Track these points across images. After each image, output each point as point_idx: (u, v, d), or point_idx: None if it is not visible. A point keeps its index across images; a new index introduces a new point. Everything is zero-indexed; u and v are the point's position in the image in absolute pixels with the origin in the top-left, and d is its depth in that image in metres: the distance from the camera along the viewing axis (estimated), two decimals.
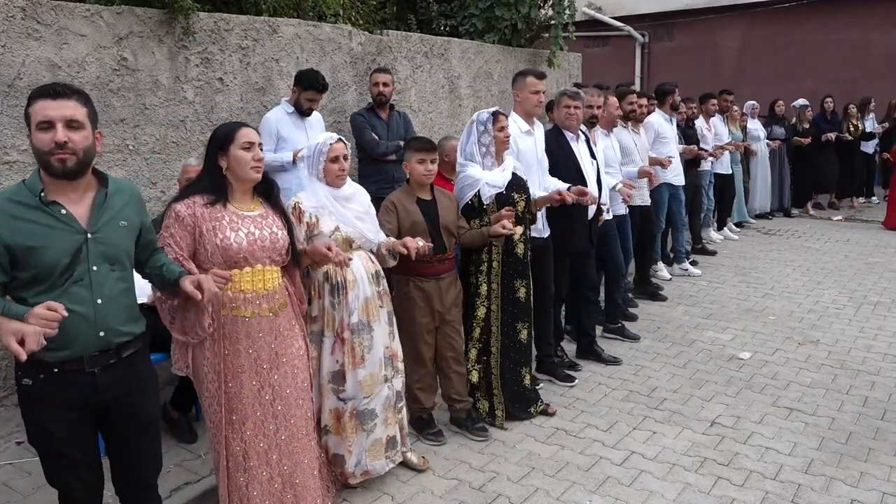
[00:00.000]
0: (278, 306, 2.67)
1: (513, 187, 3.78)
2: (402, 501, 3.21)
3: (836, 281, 6.76)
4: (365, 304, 3.13)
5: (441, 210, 3.58)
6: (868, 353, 4.94)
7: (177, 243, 2.51)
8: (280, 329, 2.67)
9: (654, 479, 3.37)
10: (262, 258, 2.59)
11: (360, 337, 3.11)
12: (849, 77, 11.50)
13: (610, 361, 4.76)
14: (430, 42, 6.58)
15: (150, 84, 4.33)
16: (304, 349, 2.80)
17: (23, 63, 3.76)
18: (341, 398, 3.13)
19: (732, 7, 12.57)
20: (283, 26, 5.11)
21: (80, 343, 2.12)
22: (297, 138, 4.70)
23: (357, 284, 3.11)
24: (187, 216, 2.52)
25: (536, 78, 4.13)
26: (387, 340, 3.23)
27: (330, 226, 3.07)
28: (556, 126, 4.53)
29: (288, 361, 2.70)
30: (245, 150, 2.58)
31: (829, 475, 3.40)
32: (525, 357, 3.97)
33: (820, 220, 9.91)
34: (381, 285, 3.24)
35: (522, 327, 3.93)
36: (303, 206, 3.05)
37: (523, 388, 3.96)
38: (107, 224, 2.19)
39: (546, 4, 7.70)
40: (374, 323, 3.16)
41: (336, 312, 3.09)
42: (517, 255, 3.85)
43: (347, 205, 3.13)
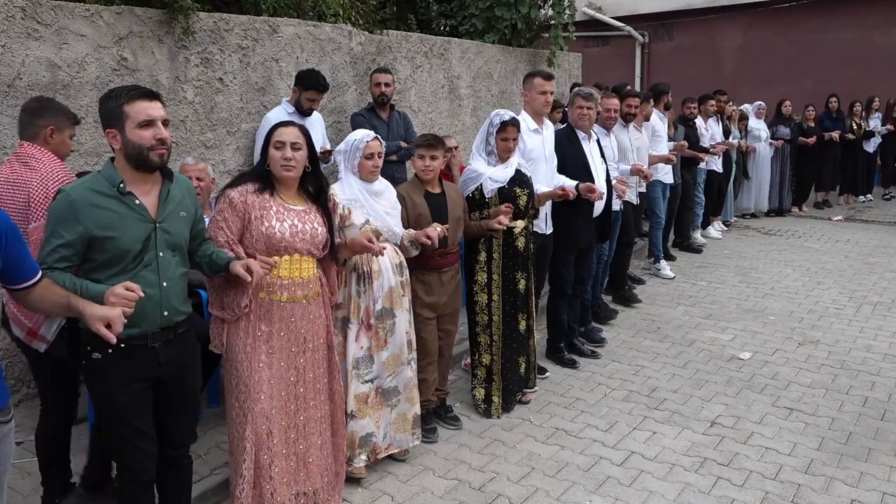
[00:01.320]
0: (311, 294, 2.85)
1: (515, 182, 3.87)
2: (401, 501, 3.21)
3: (836, 281, 6.76)
4: (389, 293, 3.32)
5: (450, 203, 3.68)
6: (868, 354, 4.94)
7: (228, 227, 2.70)
8: (311, 316, 2.86)
9: (654, 480, 3.37)
10: (301, 249, 2.77)
11: (383, 323, 3.32)
12: (849, 77, 11.50)
13: (588, 355, 4.87)
14: (430, 42, 6.58)
15: (150, 84, 4.32)
16: (327, 338, 2.98)
17: (23, 63, 3.75)
18: (365, 380, 3.31)
19: (732, 7, 12.57)
20: (283, 26, 5.10)
21: (147, 321, 2.34)
22: None
23: (382, 275, 3.30)
24: (239, 202, 2.71)
25: (544, 79, 4.25)
26: (407, 326, 3.44)
27: (361, 218, 3.22)
28: (569, 125, 4.68)
29: (314, 347, 2.88)
30: (276, 149, 2.75)
31: (829, 475, 3.40)
32: (523, 347, 4.09)
33: (820, 220, 9.91)
34: (404, 275, 3.42)
35: (522, 318, 4.04)
36: (337, 199, 3.20)
37: (518, 377, 4.10)
38: (170, 214, 2.39)
39: (546, 4, 7.70)
40: (396, 310, 3.35)
41: (362, 301, 3.27)
42: (517, 247, 3.94)
43: (378, 199, 3.29)
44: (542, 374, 4.54)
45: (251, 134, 4.86)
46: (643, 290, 6.45)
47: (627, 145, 5.72)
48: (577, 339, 4.97)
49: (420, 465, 3.51)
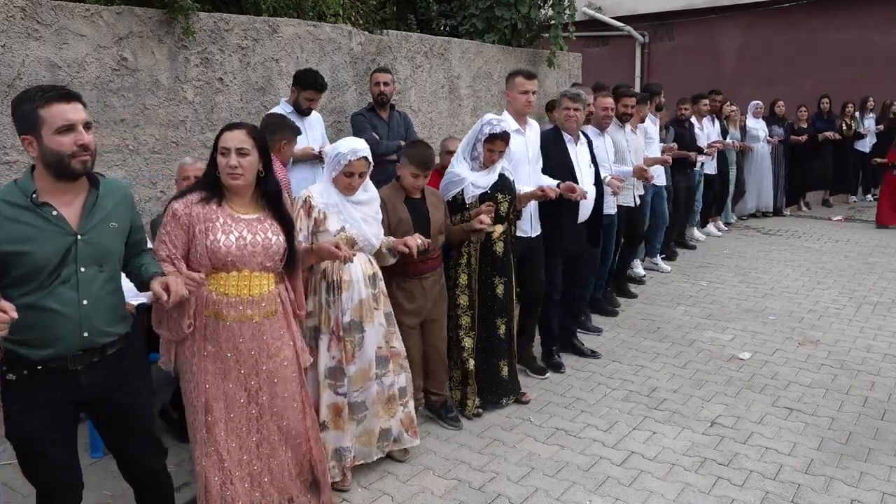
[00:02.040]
0: (265, 313, 2.64)
1: (497, 188, 3.81)
2: (401, 501, 3.21)
3: (835, 281, 6.76)
4: (359, 306, 3.18)
5: (431, 208, 3.62)
6: (868, 353, 4.94)
7: (171, 241, 2.53)
8: (264, 336, 2.65)
9: (654, 480, 3.37)
10: (250, 263, 2.57)
11: (351, 336, 3.18)
12: (849, 77, 11.49)
13: (588, 354, 4.85)
14: (430, 42, 6.58)
15: (150, 84, 4.32)
16: (292, 358, 2.77)
17: (23, 63, 3.75)
18: (339, 393, 3.21)
19: (732, 7, 12.57)
20: (282, 26, 5.10)
21: (63, 343, 2.16)
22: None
23: (352, 285, 3.17)
24: (183, 215, 2.53)
25: (525, 78, 4.14)
26: (380, 341, 3.28)
27: (336, 225, 3.11)
28: (556, 127, 4.53)
29: (270, 369, 2.68)
30: (221, 155, 2.55)
31: (829, 475, 3.40)
32: (504, 350, 4.04)
33: (820, 220, 9.91)
34: (378, 287, 3.29)
35: (501, 323, 3.99)
36: (313, 201, 3.09)
37: (500, 380, 4.06)
38: (97, 226, 2.21)
39: (546, 4, 7.69)
40: (366, 324, 3.21)
41: (331, 311, 3.15)
42: (495, 252, 3.89)
43: (357, 207, 3.18)
44: (542, 374, 4.55)
45: None
46: (643, 290, 6.46)
47: (625, 146, 5.66)
48: (575, 339, 4.94)
49: (420, 464, 3.51)
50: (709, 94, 8.12)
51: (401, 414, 3.44)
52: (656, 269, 7.10)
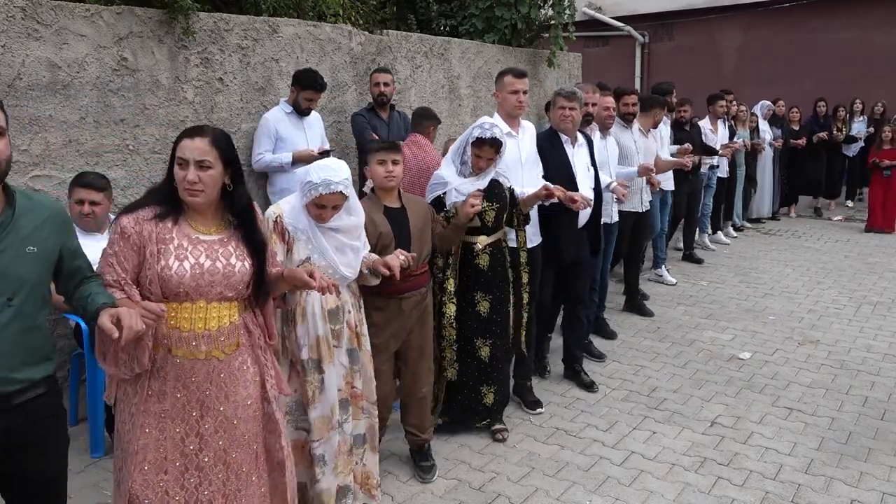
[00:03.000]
0: (224, 348, 2.24)
1: (484, 195, 3.49)
2: (402, 501, 3.21)
3: (835, 281, 6.76)
4: (316, 343, 2.78)
5: (412, 218, 3.26)
6: (868, 353, 4.94)
7: (120, 263, 2.12)
8: (221, 374, 2.25)
9: (654, 479, 3.38)
10: (208, 294, 2.18)
11: (310, 376, 2.80)
12: (849, 77, 11.49)
13: (587, 387, 4.39)
14: (430, 42, 6.58)
15: (150, 84, 4.32)
16: (257, 396, 2.35)
17: (23, 63, 3.75)
18: (301, 427, 2.84)
19: (732, 7, 12.57)
20: (282, 26, 5.10)
21: None
22: (295, 138, 4.71)
23: (306, 320, 2.77)
24: (133, 233, 2.13)
25: (515, 77, 3.88)
26: (340, 382, 2.87)
27: (302, 254, 2.73)
28: (552, 128, 4.26)
29: (227, 411, 2.26)
30: (179, 166, 2.15)
31: (829, 475, 3.40)
32: (486, 375, 3.69)
33: (820, 219, 9.91)
34: (340, 322, 2.85)
35: (483, 344, 3.65)
36: (285, 220, 2.72)
37: (482, 406, 3.73)
38: (6, 249, 1.87)
39: (546, 4, 7.69)
40: (325, 364, 2.80)
41: (287, 343, 2.80)
42: (479, 266, 3.58)
43: (331, 234, 2.77)
44: (534, 408, 4.07)
45: (251, 134, 4.86)
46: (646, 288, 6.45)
47: (632, 148, 5.40)
48: (579, 366, 4.49)
49: None
50: (721, 94, 7.82)
51: (357, 469, 3.02)
52: (661, 281, 6.74)
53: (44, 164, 3.85)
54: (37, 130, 3.82)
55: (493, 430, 3.77)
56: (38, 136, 3.83)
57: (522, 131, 4.00)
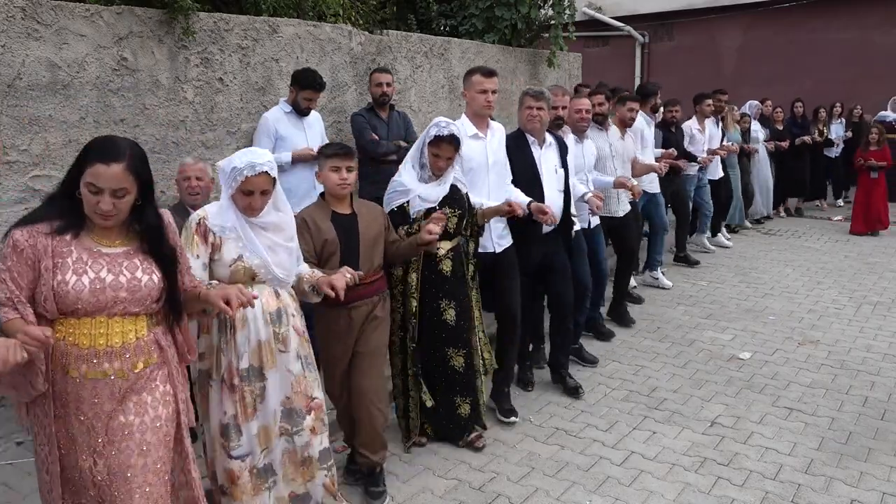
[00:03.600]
0: (132, 366, 2.09)
1: (446, 201, 3.40)
2: (402, 501, 3.21)
3: (835, 281, 6.76)
4: (257, 349, 2.65)
5: (362, 225, 3.10)
6: (868, 353, 4.94)
7: (13, 280, 1.98)
8: (128, 394, 2.09)
9: (654, 479, 3.38)
10: (109, 309, 2.04)
11: (250, 385, 2.65)
12: (849, 77, 11.51)
13: (571, 392, 4.27)
14: (430, 42, 6.58)
15: (150, 84, 4.32)
16: (168, 417, 2.19)
17: (23, 63, 3.75)
18: (234, 456, 2.65)
19: (732, 7, 12.58)
20: (282, 26, 5.10)
21: None
22: (295, 138, 4.70)
23: (247, 324, 2.63)
24: (27, 247, 1.99)
25: (483, 75, 3.71)
26: (288, 390, 2.72)
27: (232, 253, 2.60)
28: (519, 129, 4.08)
29: (134, 435, 2.09)
30: (90, 191, 2.00)
31: (829, 475, 3.40)
32: (461, 385, 3.57)
33: (820, 220, 9.91)
34: (285, 325, 2.71)
35: (455, 354, 3.52)
36: (208, 223, 2.59)
37: (457, 419, 3.62)
38: None
39: (546, 4, 7.69)
40: (268, 370, 2.66)
41: (224, 355, 2.64)
42: (442, 272, 3.44)
43: (263, 232, 2.65)
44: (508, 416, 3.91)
45: (251, 134, 4.86)
46: (643, 290, 6.45)
47: (607, 152, 5.18)
48: (565, 371, 4.36)
49: (420, 464, 3.51)
50: (712, 93, 7.62)
51: (324, 479, 2.87)
52: (657, 284, 6.56)
53: (43, 164, 3.85)
54: (37, 130, 3.82)
55: (471, 440, 3.63)
56: (37, 136, 3.83)
57: (491, 133, 3.83)
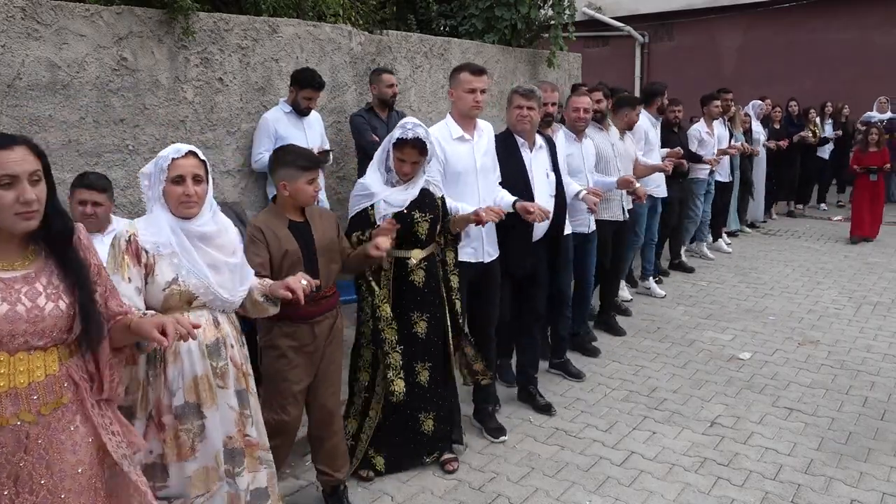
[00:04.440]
0: (38, 408, 1.79)
1: (416, 206, 3.18)
2: (402, 501, 3.21)
3: (835, 281, 6.76)
4: (193, 384, 2.35)
5: (316, 234, 2.92)
6: (868, 354, 4.94)
7: None
8: (39, 440, 1.80)
9: (654, 480, 3.38)
10: (7, 344, 1.74)
11: (187, 423, 2.36)
12: (849, 77, 11.51)
13: (542, 410, 4.06)
14: (430, 42, 6.58)
15: (150, 84, 4.32)
16: (90, 461, 1.91)
17: (22, 63, 3.75)
18: (161, 497, 2.34)
19: (732, 7, 12.59)
20: (282, 26, 5.10)
21: None
22: (295, 138, 4.69)
23: (180, 358, 2.33)
24: None
25: (472, 74, 3.50)
26: (230, 429, 2.45)
27: (167, 274, 2.29)
28: (508, 129, 3.90)
29: (50, 484, 1.82)
30: (1, 189, 1.70)
31: (829, 475, 3.40)
32: (425, 401, 3.37)
33: (820, 220, 9.92)
34: (224, 359, 2.42)
35: (422, 368, 3.32)
36: (140, 241, 2.28)
37: (419, 436, 3.40)
38: None
39: (546, 4, 7.69)
40: (206, 408, 2.38)
41: (152, 389, 2.33)
42: (414, 283, 3.24)
43: (201, 245, 2.36)
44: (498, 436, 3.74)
45: (251, 134, 4.86)
46: (643, 290, 6.45)
47: (609, 153, 4.99)
48: (533, 387, 4.15)
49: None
50: (718, 93, 7.41)
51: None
52: (649, 293, 6.36)
53: None
54: (36, 130, 3.82)
55: (442, 462, 3.45)
56: (37, 136, 3.82)
57: (479, 134, 3.64)
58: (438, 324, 3.36)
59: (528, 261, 3.88)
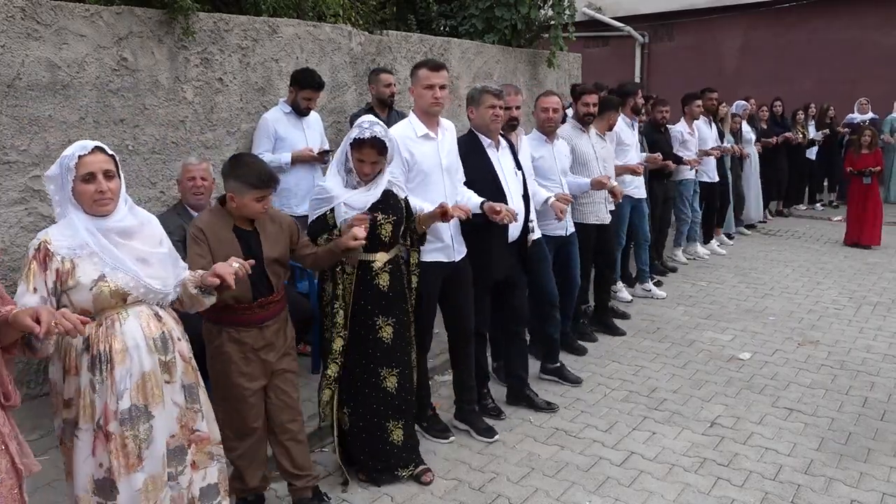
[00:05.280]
0: None
1: (378, 207, 3.10)
2: (402, 501, 3.21)
3: (835, 281, 6.76)
4: (141, 382, 2.28)
5: (265, 243, 2.85)
6: (868, 354, 4.94)
7: None
8: None
9: (654, 480, 3.37)
10: None
11: (134, 429, 2.25)
12: (849, 77, 11.52)
13: (543, 408, 4.05)
14: (430, 42, 6.58)
15: (150, 84, 4.32)
16: (6, 469, 1.89)
17: (22, 63, 3.75)
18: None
19: (733, 7, 12.59)
20: (282, 26, 5.10)
21: None
22: (295, 138, 4.71)
23: (129, 355, 2.26)
24: None
25: (430, 70, 3.42)
26: (173, 427, 2.37)
27: (91, 273, 2.22)
28: (472, 130, 3.85)
29: None
30: None
31: (829, 476, 3.40)
32: (393, 408, 3.26)
33: (820, 220, 9.92)
34: (171, 352, 2.37)
35: (389, 374, 3.23)
36: (52, 247, 2.21)
37: (389, 446, 3.28)
38: None
39: (546, 5, 7.69)
40: (153, 407, 2.30)
41: (98, 396, 2.24)
42: (378, 287, 3.15)
43: (123, 241, 2.30)
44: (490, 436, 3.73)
45: (251, 134, 4.86)
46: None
47: (589, 154, 4.91)
48: (528, 389, 4.13)
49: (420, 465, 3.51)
50: (701, 93, 7.35)
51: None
52: (650, 296, 6.28)
53: (44, 164, 3.85)
54: (36, 130, 3.82)
55: (418, 476, 3.35)
56: (37, 136, 3.83)
57: (442, 132, 3.57)
58: (405, 329, 3.30)
59: (507, 262, 3.83)
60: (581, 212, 4.91)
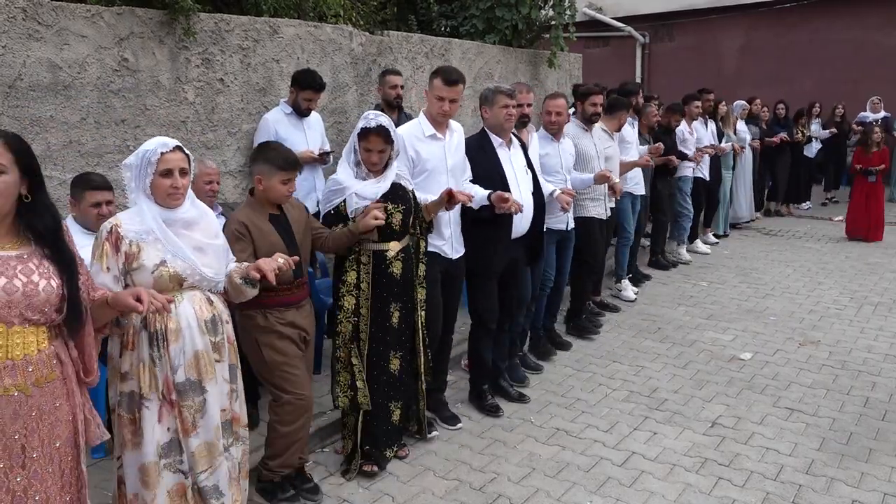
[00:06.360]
0: (35, 381, 1.93)
1: (388, 198, 3.25)
2: (402, 502, 3.21)
3: (836, 281, 6.76)
4: (195, 360, 2.48)
5: (294, 225, 3.08)
6: (869, 354, 4.94)
7: None
8: (33, 413, 1.92)
9: (655, 480, 3.37)
10: (5, 317, 1.87)
11: (188, 399, 2.48)
12: (850, 77, 11.51)
13: (516, 399, 4.20)
14: (431, 43, 6.58)
15: (151, 85, 4.32)
16: (67, 438, 2.04)
17: (23, 64, 3.76)
18: (182, 470, 2.51)
19: (733, 7, 12.58)
20: (283, 27, 5.10)
21: None
22: (295, 139, 4.70)
23: (182, 335, 2.46)
24: None
25: (444, 83, 3.54)
26: (224, 402, 2.58)
27: (154, 258, 2.42)
28: (484, 129, 3.96)
29: (45, 456, 1.95)
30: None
31: (830, 476, 3.40)
32: (396, 391, 3.45)
33: (820, 220, 9.91)
34: (220, 334, 2.57)
35: (395, 357, 3.40)
36: (122, 231, 2.41)
37: (388, 426, 3.45)
38: None
39: (546, 5, 7.69)
40: (207, 382, 2.50)
41: (158, 369, 2.44)
42: (392, 274, 3.31)
43: (185, 231, 2.50)
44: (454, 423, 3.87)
45: (252, 135, 4.86)
46: (644, 291, 6.45)
47: (593, 153, 5.03)
48: (503, 378, 4.28)
49: (420, 465, 3.51)
50: (699, 93, 7.55)
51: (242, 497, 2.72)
52: (620, 297, 6.20)
53: (44, 164, 3.85)
54: (37, 131, 3.83)
55: (397, 453, 3.54)
56: (38, 136, 3.83)
57: (450, 134, 3.71)
58: (410, 314, 3.45)
59: (509, 256, 3.95)
60: (583, 206, 5.07)
